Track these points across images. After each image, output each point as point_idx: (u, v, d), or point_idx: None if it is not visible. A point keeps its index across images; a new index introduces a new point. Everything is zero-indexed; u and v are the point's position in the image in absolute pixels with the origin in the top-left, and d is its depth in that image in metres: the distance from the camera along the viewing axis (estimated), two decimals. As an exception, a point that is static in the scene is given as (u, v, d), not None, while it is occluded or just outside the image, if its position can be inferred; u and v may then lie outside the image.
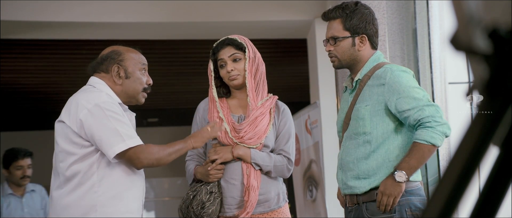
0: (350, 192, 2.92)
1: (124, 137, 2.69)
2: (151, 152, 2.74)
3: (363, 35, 2.95)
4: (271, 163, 3.08)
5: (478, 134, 0.70)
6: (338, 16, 2.97)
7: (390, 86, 2.84)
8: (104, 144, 2.68)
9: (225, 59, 3.09)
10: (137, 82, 2.87)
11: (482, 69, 0.69)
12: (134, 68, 2.87)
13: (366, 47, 2.96)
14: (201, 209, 3.02)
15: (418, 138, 2.76)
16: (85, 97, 2.75)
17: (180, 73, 8.89)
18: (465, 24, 0.69)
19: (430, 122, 2.77)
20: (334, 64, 3.02)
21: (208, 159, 3.08)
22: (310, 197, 6.48)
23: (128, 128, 2.72)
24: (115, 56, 2.87)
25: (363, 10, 2.96)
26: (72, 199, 2.71)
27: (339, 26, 2.96)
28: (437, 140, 2.76)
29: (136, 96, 2.88)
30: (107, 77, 2.85)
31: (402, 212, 2.80)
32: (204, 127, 2.92)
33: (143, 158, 2.72)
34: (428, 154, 2.77)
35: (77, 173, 2.71)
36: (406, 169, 2.75)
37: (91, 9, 6.08)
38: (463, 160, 0.70)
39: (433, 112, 2.79)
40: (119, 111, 2.74)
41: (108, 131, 2.67)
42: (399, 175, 2.75)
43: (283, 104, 3.22)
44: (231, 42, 3.10)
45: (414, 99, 2.80)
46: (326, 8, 6.19)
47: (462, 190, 0.70)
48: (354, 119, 2.90)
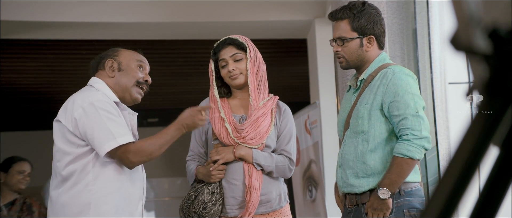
0: (350, 191, 2.92)
1: (115, 135, 2.69)
2: (141, 149, 2.73)
3: (371, 35, 2.94)
4: (273, 163, 3.08)
5: (478, 134, 0.70)
6: (345, 16, 2.96)
7: (389, 87, 2.84)
8: (96, 142, 2.69)
9: (227, 59, 3.09)
10: (130, 75, 2.87)
11: (482, 69, 0.69)
12: (128, 62, 2.89)
13: (374, 48, 2.96)
14: (203, 210, 3.02)
15: (396, 151, 2.78)
16: (81, 96, 2.76)
17: (180, 73, 8.89)
18: (465, 24, 0.69)
19: (407, 135, 2.78)
20: (341, 65, 3.01)
21: (210, 160, 3.08)
22: (310, 197, 6.48)
23: (120, 127, 2.72)
24: (111, 53, 2.92)
25: (370, 11, 2.95)
26: (68, 198, 2.72)
27: (347, 27, 2.95)
28: (414, 153, 2.76)
29: (129, 90, 2.88)
30: (104, 73, 2.88)
31: (399, 213, 2.80)
32: (191, 108, 2.86)
33: (132, 158, 2.71)
34: (407, 167, 2.77)
35: (73, 173, 2.72)
36: (388, 185, 2.77)
37: (91, 9, 6.09)
38: (463, 160, 0.70)
39: (415, 125, 2.78)
40: (113, 110, 2.74)
41: (100, 129, 2.68)
42: (382, 193, 2.78)
43: (284, 104, 3.23)
44: (232, 42, 3.10)
45: (404, 106, 2.80)
46: (326, 8, 6.20)
47: (462, 190, 0.70)
48: (354, 117, 2.90)
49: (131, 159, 2.72)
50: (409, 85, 2.83)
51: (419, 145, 2.77)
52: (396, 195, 2.81)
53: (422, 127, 2.79)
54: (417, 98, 2.83)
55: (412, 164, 2.77)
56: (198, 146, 3.19)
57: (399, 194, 2.82)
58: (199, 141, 3.19)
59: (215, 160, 3.06)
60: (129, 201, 2.79)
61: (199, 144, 3.19)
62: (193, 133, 3.21)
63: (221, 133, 3.08)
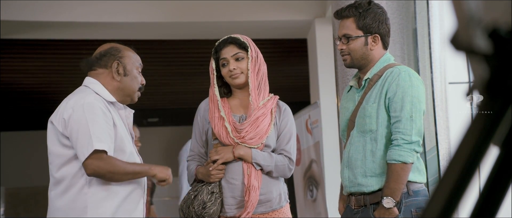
0: (358, 190, 2.91)
1: (93, 139, 2.63)
2: (110, 162, 2.65)
3: (376, 34, 2.94)
4: (272, 163, 3.08)
5: (478, 134, 0.70)
6: (351, 14, 2.96)
7: (392, 87, 2.84)
8: (79, 147, 2.65)
9: (228, 58, 3.09)
10: (134, 81, 2.87)
11: (482, 69, 0.69)
12: (132, 66, 2.87)
13: (378, 47, 2.96)
14: (202, 209, 3.03)
15: (389, 158, 2.80)
16: (74, 97, 2.74)
17: (180, 73, 8.89)
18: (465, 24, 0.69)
19: (397, 140, 2.79)
20: (345, 63, 3.01)
21: (210, 160, 3.08)
22: (311, 197, 6.48)
23: (102, 132, 2.66)
24: (115, 52, 2.86)
25: (376, 10, 2.96)
26: (64, 202, 2.70)
27: (352, 25, 2.96)
28: (407, 158, 2.77)
29: (132, 95, 2.88)
30: (105, 73, 2.84)
31: (407, 212, 2.81)
32: (167, 171, 2.82)
33: (95, 166, 2.62)
34: (403, 172, 2.78)
35: (66, 176, 2.69)
36: (390, 194, 2.78)
37: (91, 9, 6.09)
38: (463, 160, 0.70)
39: (406, 128, 2.79)
40: (101, 113, 2.69)
41: (82, 134, 2.64)
42: (386, 202, 2.79)
43: (284, 104, 3.23)
44: (234, 41, 3.10)
45: (400, 108, 2.81)
46: (326, 8, 6.20)
47: (462, 190, 0.70)
48: (361, 117, 2.90)
49: (95, 166, 2.63)
50: (411, 87, 2.83)
51: (410, 149, 2.78)
52: (404, 194, 2.82)
53: (413, 132, 2.79)
54: (415, 101, 2.82)
55: (407, 168, 2.79)
56: (198, 146, 3.19)
57: (407, 194, 2.82)
58: (199, 141, 3.19)
59: (215, 160, 3.06)
60: (129, 200, 2.77)
61: (199, 144, 3.19)
62: (193, 133, 3.21)
63: (220, 133, 3.08)
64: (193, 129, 3.21)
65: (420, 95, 2.85)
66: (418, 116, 2.83)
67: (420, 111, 2.84)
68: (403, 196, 2.82)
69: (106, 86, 2.83)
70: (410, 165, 2.79)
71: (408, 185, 2.83)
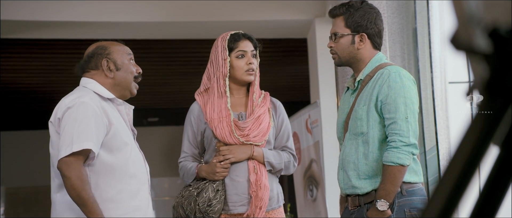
0: (353, 192, 2.91)
1: (74, 140, 2.60)
2: (76, 170, 2.58)
3: (363, 33, 2.93)
4: (282, 161, 3.10)
5: (478, 134, 0.70)
6: (341, 13, 2.97)
7: (383, 88, 2.82)
8: (60, 144, 2.63)
9: (248, 52, 3.12)
10: (128, 72, 2.85)
11: (482, 68, 0.69)
12: (123, 59, 2.85)
13: (366, 46, 2.94)
14: (207, 207, 3.01)
15: (386, 160, 2.78)
16: (70, 97, 2.73)
17: (180, 73, 8.89)
18: (465, 23, 0.69)
19: (395, 142, 2.77)
20: (334, 61, 3.02)
21: (218, 158, 3.06)
22: (311, 197, 6.48)
23: (87, 133, 2.62)
24: (101, 51, 2.85)
25: (367, 9, 2.95)
26: (67, 206, 2.67)
27: (341, 23, 2.96)
28: (404, 160, 2.76)
29: (129, 87, 2.86)
30: (98, 73, 2.83)
31: (400, 212, 2.80)
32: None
33: (65, 167, 2.58)
34: (399, 174, 2.77)
35: None
36: (385, 196, 2.77)
37: (91, 9, 6.09)
38: (463, 160, 0.70)
39: (403, 130, 2.77)
40: (92, 114, 2.66)
41: (67, 135, 2.62)
42: (380, 204, 2.78)
43: (276, 99, 3.26)
44: (251, 38, 3.16)
45: (394, 109, 2.79)
46: (326, 7, 6.19)
47: (462, 190, 0.70)
48: (353, 119, 2.90)
49: (62, 167, 2.59)
50: (403, 88, 2.81)
51: (407, 152, 2.77)
52: (398, 194, 2.81)
53: (410, 134, 2.78)
54: (409, 102, 2.81)
55: (403, 171, 2.78)
56: (192, 147, 3.17)
57: (400, 193, 2.82)
58: (193, 142, 3.17)
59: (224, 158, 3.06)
60: (129, 202, 2.75)
61: (193, 145, 3.17)
62: (186, 134, 3.19)
63: (223, 133, 3.07)
64: (185, 130, 3.19)
65: (412, 96, 2.83)
66: (413, 118, 2.81)
67: (414, 112, 2.83)
68: (396, 196, 2.81)
69: (102, 84, 2.82)
70: (406, 168, 2.79)
71: (402, 185, 2.82)
